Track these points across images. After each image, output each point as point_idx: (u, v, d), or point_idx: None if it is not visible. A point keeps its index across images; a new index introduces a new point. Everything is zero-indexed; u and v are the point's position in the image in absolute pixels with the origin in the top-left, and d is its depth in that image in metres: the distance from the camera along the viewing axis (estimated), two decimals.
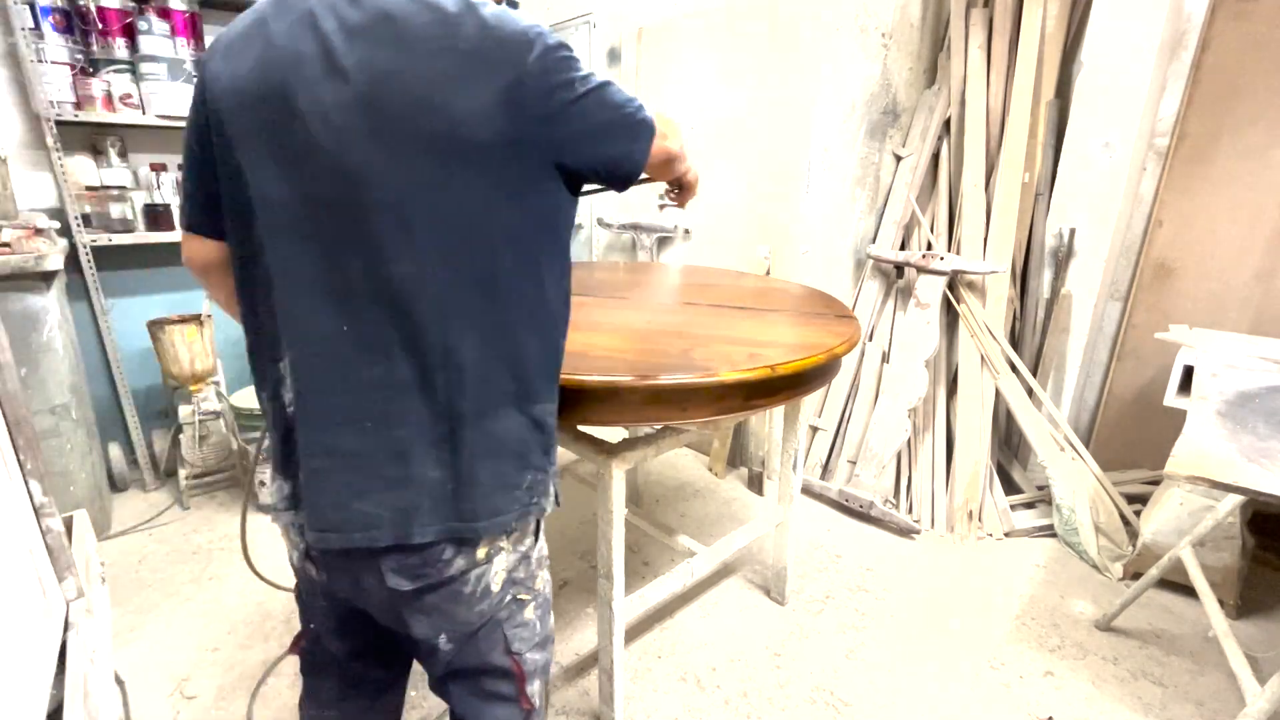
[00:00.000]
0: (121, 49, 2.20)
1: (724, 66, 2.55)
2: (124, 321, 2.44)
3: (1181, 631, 1.83)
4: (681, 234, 2.85)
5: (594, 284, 1.89)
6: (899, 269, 2.56)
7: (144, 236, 2.33)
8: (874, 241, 2.64)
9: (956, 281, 2.38)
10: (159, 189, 2.37)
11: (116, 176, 2.32)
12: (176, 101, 2.29)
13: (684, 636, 1.80)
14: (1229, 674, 1.44)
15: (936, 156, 2.55)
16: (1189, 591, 1.78)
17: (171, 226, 2.36)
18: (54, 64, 2.09)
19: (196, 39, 2.33)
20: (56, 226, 2.11)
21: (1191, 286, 2.22)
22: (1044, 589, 2.00)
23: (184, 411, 2.31)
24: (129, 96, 2.23)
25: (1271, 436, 1.23)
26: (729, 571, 2.08)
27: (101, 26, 2.16)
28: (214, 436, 2.38)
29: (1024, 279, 2.45)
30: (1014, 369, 2.31)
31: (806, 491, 2.53)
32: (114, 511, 2.31)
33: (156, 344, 2.24)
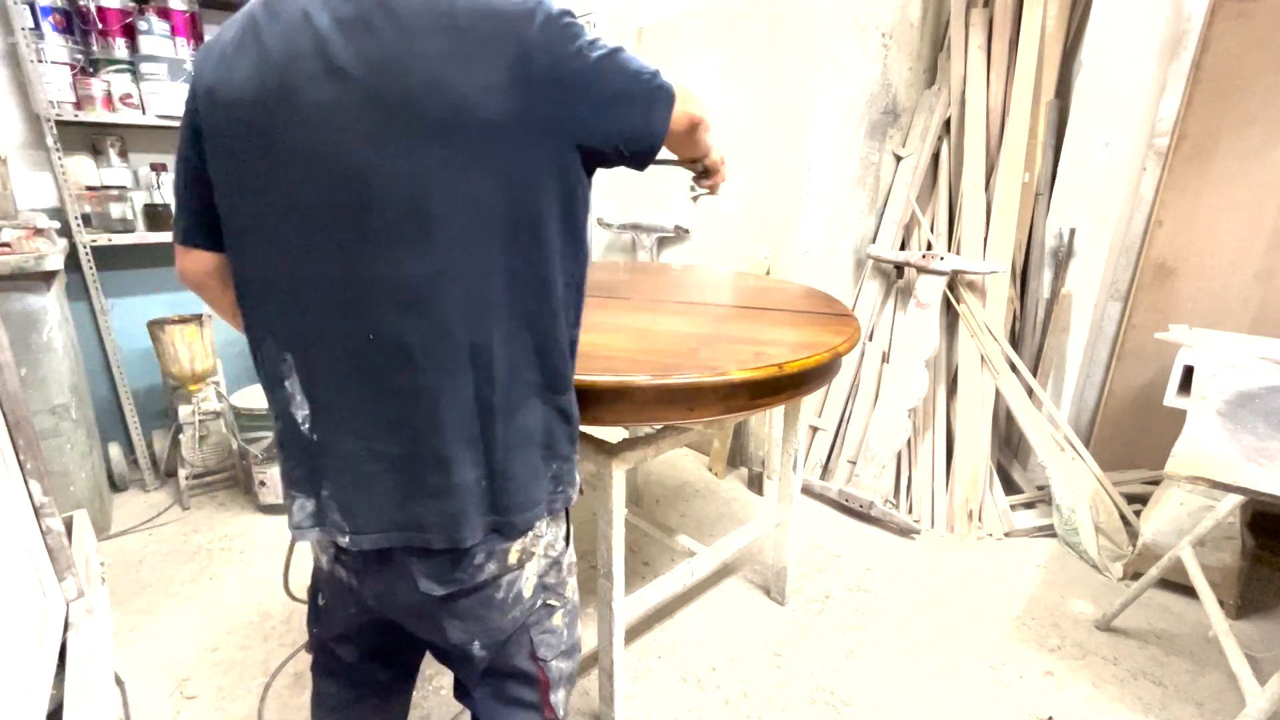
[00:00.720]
0: (121, 49, 2.20)
1: (724, 66, 2.55)
2: (124, 321, 2.44)
3: (1181, 631, 1.83)
4: (681, 234, 2.85)
5: (595, 284, 1.88)
6: (899, 269, 2.56)
7: (144, 236, 2.33)
8: (874, 241, 2.64)
9: (956, 281, 2.38)
10: (159, 189, 2.36)
11: (116, 176, 2.32)
12: (177, 101, 2.28)
13: (684, 636, 1.80)
14: (1229, 674, 1.44)
15: (936, 156, 2.56)
16: (1189, 591, 1.79)
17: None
18: (54, 64, 2.09)
19: (196, 39, 2.33)
20: (56, 226, 2.11)
21: (1191, 286, 2.22)
22: (1044, 589, 2.00)
23: (184, 411, 2.32)
24: (129, 96, 2.23)
25: (1271, 436, 1.23)
26: (729, 571, 2.08)
27: (101, 26, 2.16)
28: (214, 436, 2.39)
29: (1024, 279, 2.44)
30: (1014, 369, 2.31)
31: (806, 491, 2.53)
32: (114, 511, 2.31)
33: (156, 344, 2.24)
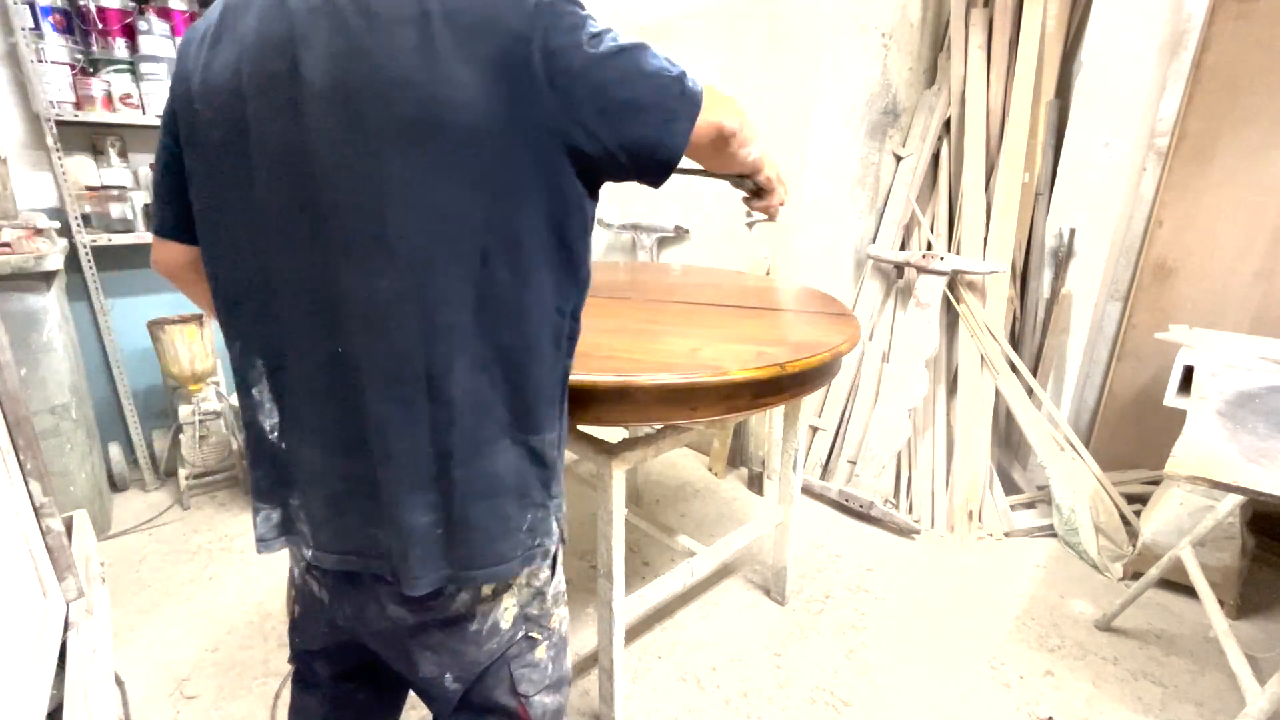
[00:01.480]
0: (122, 49, 2.20)
1: (724, 66, 2.55)
2: (124, 321, 2.43)
3: (1181, 631, 1.83)
4: (681, 234, 2.85)
5: (595, 284, 1.88)
6: (899, 269, 2.56)
7: (144, 236, 2.32)
8: (874, 241, 2.64)
9: (956, 281, 2.38)
10: None
11: (116, 176, 2.32)
12: None
13: (684, 636, 1.80)
14: (1229, 674, 1.44)
15: (936, 156, 2.55)
16: (1189, 591, 1.79)
17: None
18: (54, 64, 2.08)
19: None
20: (56, 226, 2.11)
21: (1191, 286, 2.22)
22: (1044, 589, 2.00)
23: (184, 411, 2.31)
24: (129, 96, 2.23)
25: (1271, 436, 1.23)
26: (729, 571, 2.08)
27: (101, 26, 2.16)
28: (214, 436, 2.39)
29: (1024, 279, 2.44)
30: (1014, 369, 2.31)
31: (806, 491, 2.53)
32: (114, 511, 2.31)
33: (156, 344, 2.24)
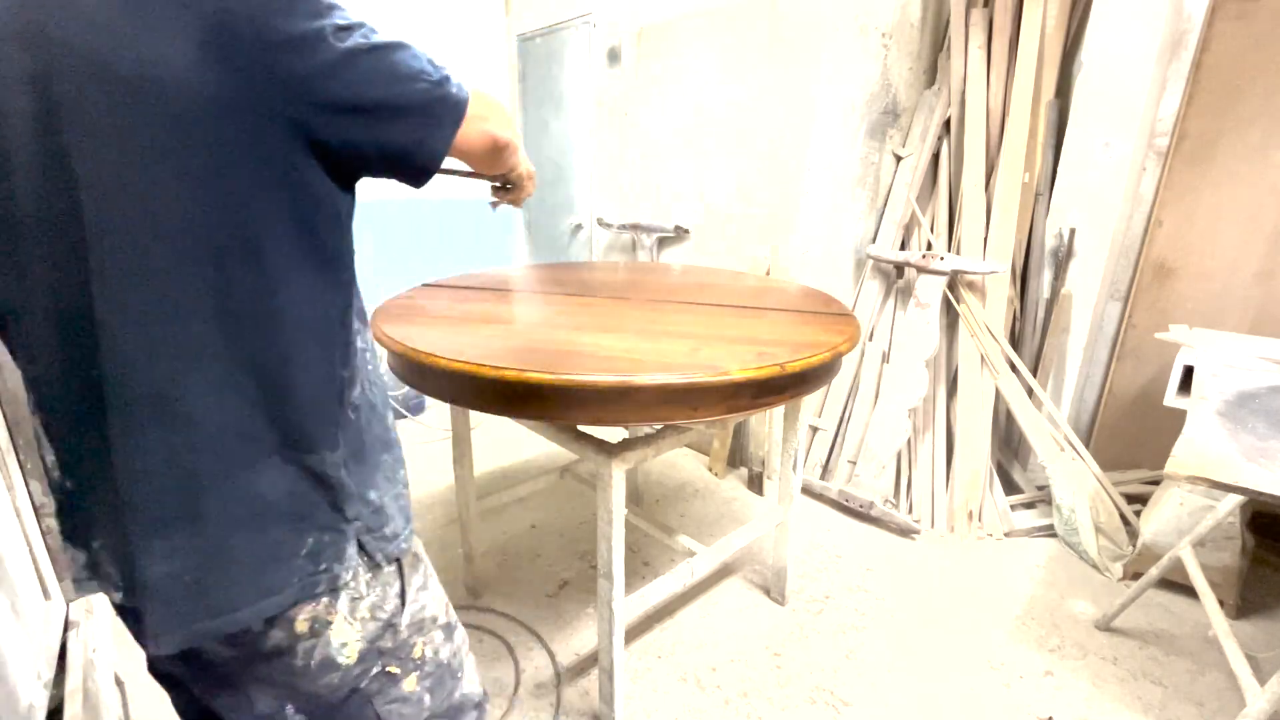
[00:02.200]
0: None
1: (724, 66, 2.55)
2: None
3: (1181, 631, 1.83)
4: (681, 234, 2.85)
5: (595, 284, 1.89)
6: (899, 269, 2.56)
7: None
8: (874, 241, 2.64)
9: (956, 281, 2.38)
10: None
11: None
12: None
13: (684, 636, 1.80)
14: (1229, 674, 1.44)
15: (936, 156, 2.55)
16: (1189, 591, 1.79)
17: None
18: None
19: None
20: None
21: (1191, 286, 2.22)
22: (1044, 589, 2.00)
23: None
24: None
25: (1271, 436, 1.23)
26: (729, 571, 2.08)
27: None
28: None
29: (1024, 279, 2.44)
30: (1014, 369, 2.31)
31: (806, 491, 2.53)
32: None
33: None
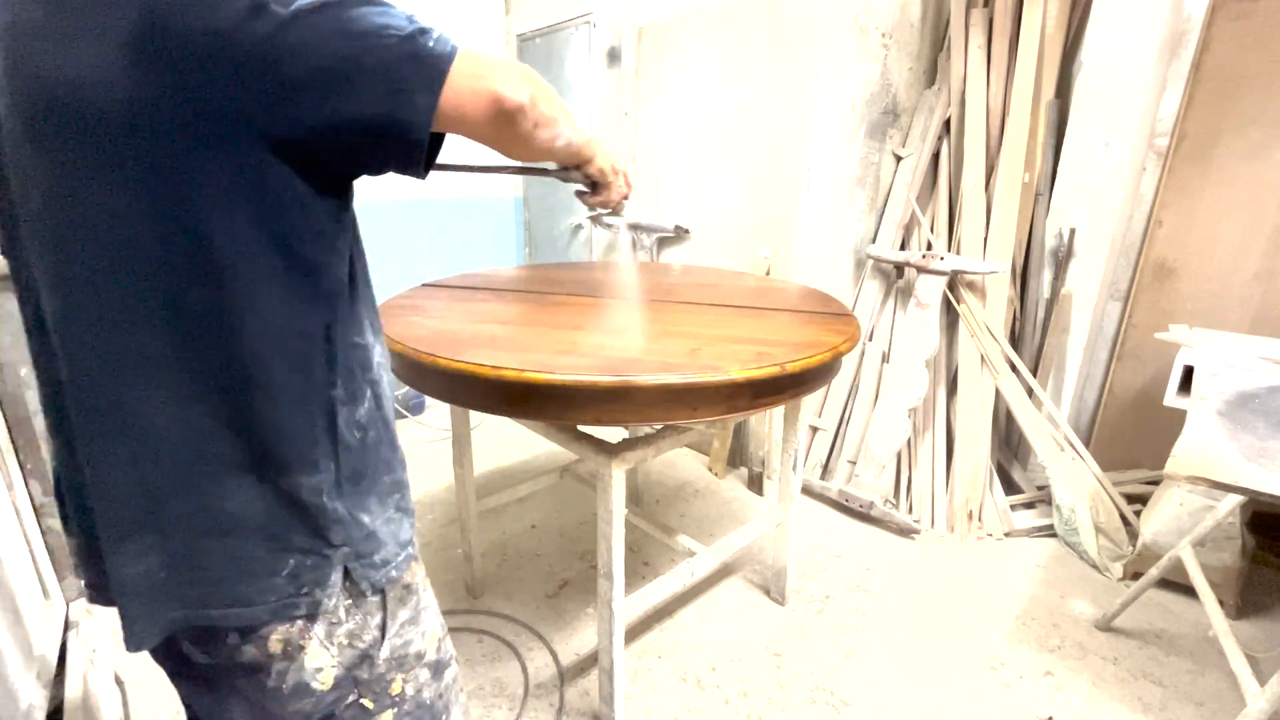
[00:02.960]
0: None
1: (724, 66, 2.55)
2: None
3: (1181, 631, 1.83)
4: (681, 234, 2.85)
5: (595, 284, 1.89)
6: (899, 269, 2.56)
7: None
8: (874, 241, 2.64)
9: (956, 281, 2.38)
10: None
11: None
12: None
13: (684, 636, 1.80)
14: (1229, 674, 1.44)
15: (936, 156, 2.55)
16: (1189, 591, 1.79)
17: None
18: None
19: None
20: None
21: (1191, 286, 2.22)
22: (1044, 589, 2.00)
23: None
24: None
25: (1271, 436, 1.23)
26: (729, 571, 2.08)
27: None
28: None
29: (1024, 279, 2.44)
30: (1014, 369, 2.31)
31: (806, 491, 2.53)
32: None
33: None
